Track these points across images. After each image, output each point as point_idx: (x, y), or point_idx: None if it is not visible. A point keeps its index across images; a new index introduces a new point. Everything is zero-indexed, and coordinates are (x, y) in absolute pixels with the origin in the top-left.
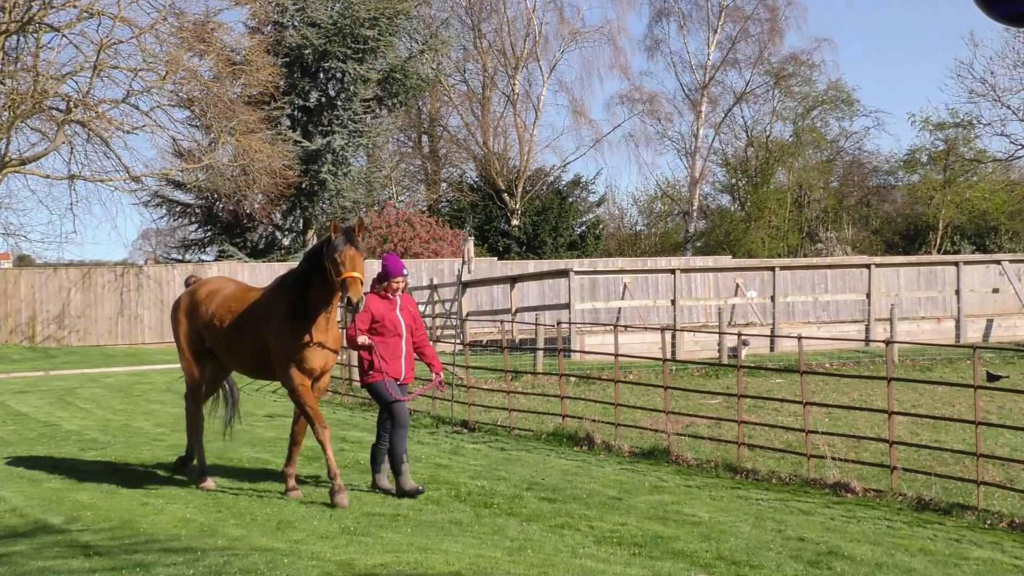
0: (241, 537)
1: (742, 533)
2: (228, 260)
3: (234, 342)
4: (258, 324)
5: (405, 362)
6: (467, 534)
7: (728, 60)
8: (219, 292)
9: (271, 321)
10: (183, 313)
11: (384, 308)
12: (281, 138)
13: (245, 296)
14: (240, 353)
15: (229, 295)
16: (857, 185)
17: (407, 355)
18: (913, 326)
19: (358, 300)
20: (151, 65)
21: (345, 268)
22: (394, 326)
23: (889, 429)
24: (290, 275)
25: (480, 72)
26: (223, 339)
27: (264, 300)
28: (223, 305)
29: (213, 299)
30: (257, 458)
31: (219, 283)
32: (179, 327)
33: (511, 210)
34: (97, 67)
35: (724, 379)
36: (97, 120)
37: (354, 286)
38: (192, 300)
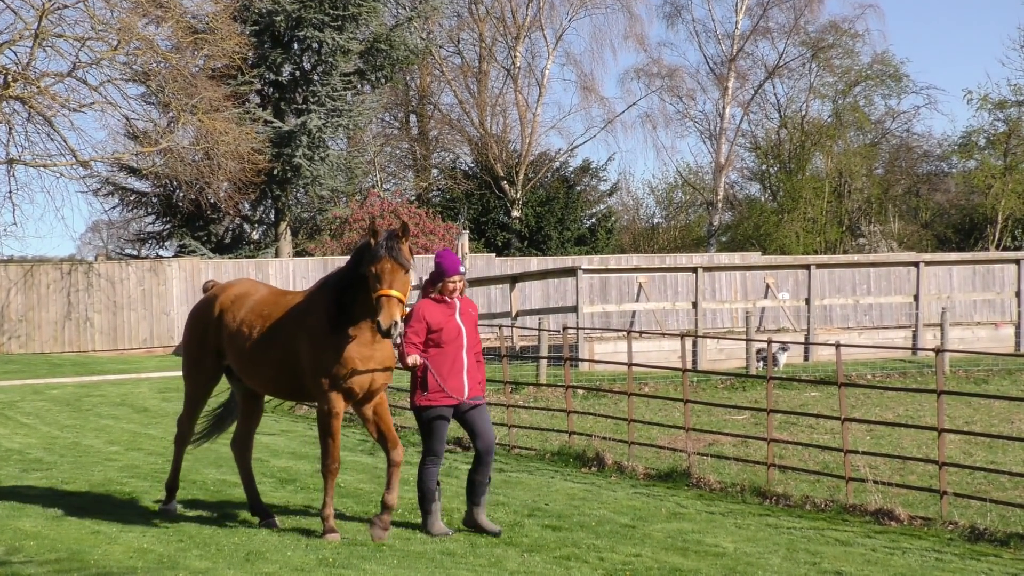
0: (205, 570)
1: (771, 566)
2: (190, 256)
3: (260, 351)
4: (291, 330)
5: (468, 376)
6: (460, 566)
7: (759, 29)
8: (248, 297)
9: (307, 329)
10: (199, 324)
11: (441, 314)
12: (250, 117)
13: (280, 301)
14: (266, 365)
15: (261, 300)
16: (905, 172)
17: (470, 368)
18: (967, 332)
19: (389, 327)
20: (101, 34)
21: (382, 284)
22: (454, 334)
23: (939, 449)
24: (333, 276)
25: (476, 42)
26: (249, 351)
27: (302, 305)
28: (254, 311)
29: (241, 305)
30: (223, 480)
31: (247, 287)
32: (193, 338)
33: (511, 200)
34: (39, 35)
35: (752, 392)
36: (39, 96)
37: (388, 308)
38: (213, 306)
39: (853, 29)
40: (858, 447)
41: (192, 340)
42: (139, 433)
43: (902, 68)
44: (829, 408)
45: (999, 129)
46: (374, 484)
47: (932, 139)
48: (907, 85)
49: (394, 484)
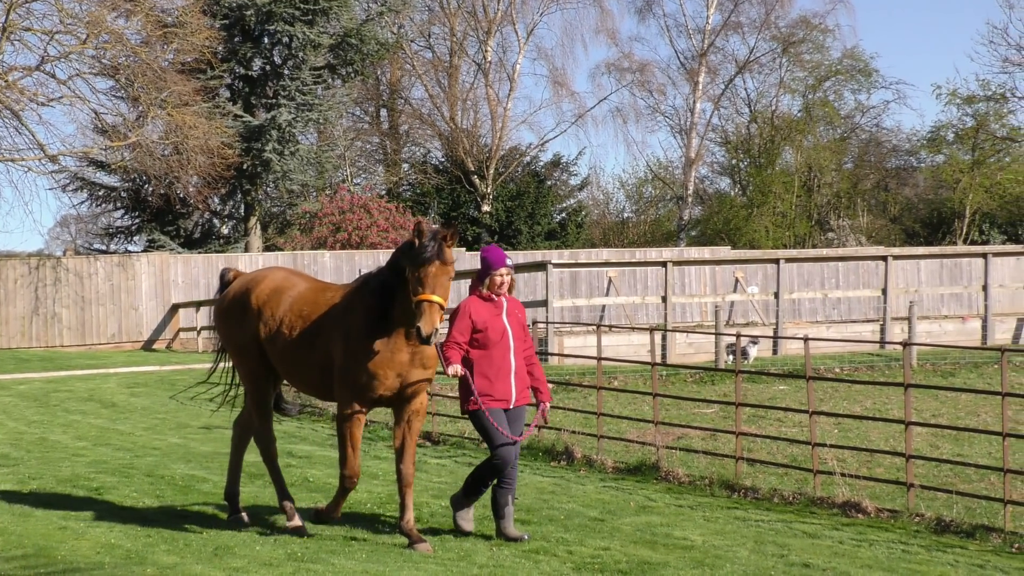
0: (173, 565)
1: (740, 559)
2: (159, 251)
3: (301, 354)
4: (329, 333)
5: (516, 380)
6: (429, 560)
7: (730, 24)
8: (286, 291)
9: (343, 331)
10: (235, 318)
11: (487, 313)
12: (219, 112)
13: (319, 297)
14: (307, 368)
15: (299, 296)
16: (874, 167)
17: (518, 371)
18: (935, 326)
19: (429, 334)
20: (69, 27)
21: (424, 288)
22: (500, 335)
23: (906, 442)
24: (377, 276)
25: (447, 37)
26: (289, 351)
27: (342, 306)
28: (293, 308)
29: (280, 300)
30: (192, 475)
31: (283, 279)
32: (232, 336)
33: (482, 195)
34: (7, 29)
35: (721, 385)
36: (7, 90)
37: (429, 315)
38: (247, 301)
39: (823, 24)
40: (826, 440)
41: (231, 335)
42: (107, 428)
43: (872, 63)
44: (797, 402)
45: (967, 124)
46: None
47: (901, 134)
48: (876, 80)
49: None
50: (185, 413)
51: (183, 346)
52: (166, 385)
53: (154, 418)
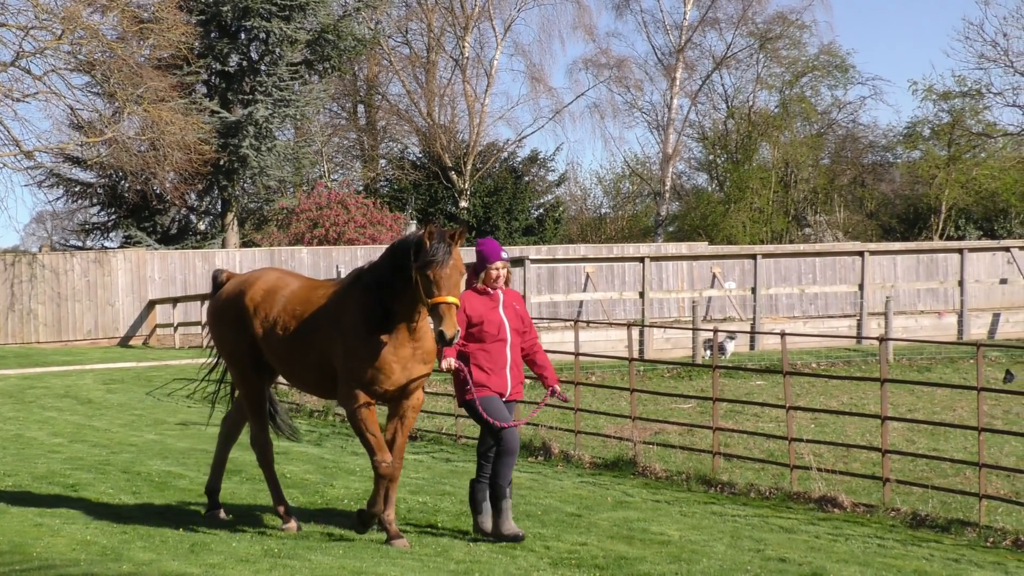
0: (149, 561)
1: (716, 553)
2: (135, 247)
3: (298, 354)
4: (326, 332)
5: (511, 373)
6: (407, 556)
7: (707, 19)
8: (279, 291)
9: (341, 329)
10: (229, 320)
11: (483, 307)
12: (196, 108)
13: (311, 295)
14: (305, 368)
15: (292, 295)
16: (851, 162)
17: (513, 364)
18: (911, 321)
19: (452, 336)
20: (45, 22)
21: (440, 290)
22: (496, 329)
23: (882, 436)
24: (369, 273)
25: (425, 33)
26: (286, 351)
27: (335, 303)
28: (286, 308)
29: (273, 301)
30: (168, 471)
31: (275, 279)
32: (225, 338)
33: (459, 190)
34: None
35: (698, 381)
36: None
37: (450, 317)
38: (242, 302)
39: (800, 20)
40: (803, 435)
41: (224, 337)
42: (83, 425)
43: (848, 59)
44: (774, 397)
45: (943, 120)
46: (321, 474)
47: (877, 130)
48: (853, 76)
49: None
50: (162, 409)
51: (160, 342)
52: (143, 381)
53: (130, 414)
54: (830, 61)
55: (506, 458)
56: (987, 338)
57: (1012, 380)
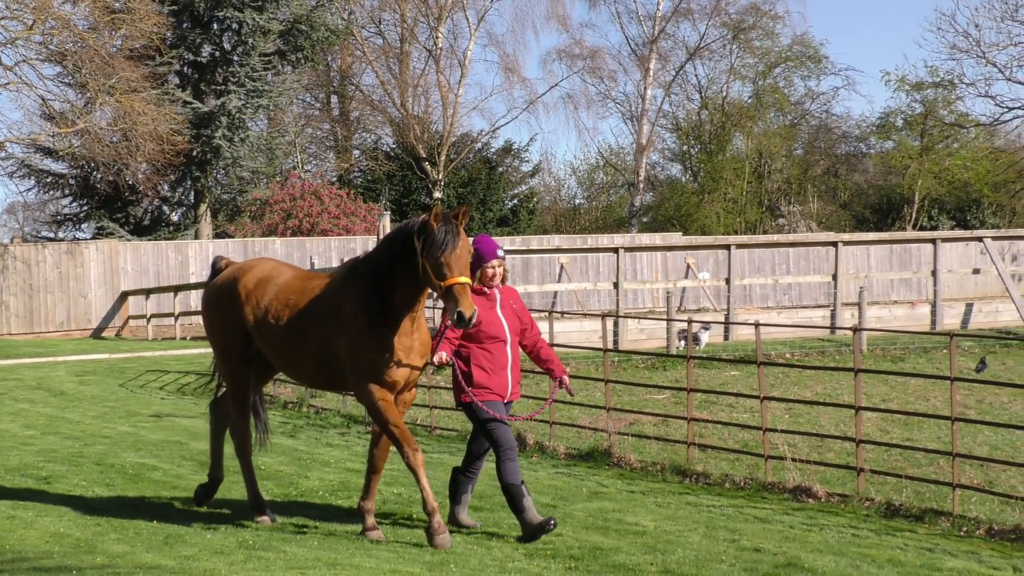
0: (123, 554)
1: (691, 544)
2: (108, 238)
3: (294, 346)
4: (324, 325)
5: (511, 374)
6: (382, 547)
7: (680, 10)
8: (271, 280)
9: (342, 322)
10: (221, 307)
11: (480, 307)
12: (168, 98)
13: (305, 286)
14: (300, 359)
15: (285, 284)
16: (824, 153)
17: (513, 364)
18: (884, 311)
19: (471, 315)
20: (15, 12)
21: (452, 272)
22: (496, 329)
23: (856, 426)
24: (365, 264)
25: (398, 23)
26: (279, 341)
27: (331, 295)
28: (278, 297)
29: (265, 290)
30: (142, 463)
31: (269, 268)
32: (215, 325)
33: (433, 181)
34: None
35: (672, 371)
36: None
37: (464, 296)
38: (234, 290)
39: (773, 11)
40: (777, 425)
41: (215, 326)
42: (56, 417)
43: (821, 50)
44: (748, 387)
45: (916, 110)
46: (295, 466)
47: (851, 120)
48: (826, 66)
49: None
50: (135, 401)
51: (133, 334)
52: (116, 373)
53: (103, 406)
54: (803, 52)
55: (509, 463)
56: (960, 328)
57: (985, 369)
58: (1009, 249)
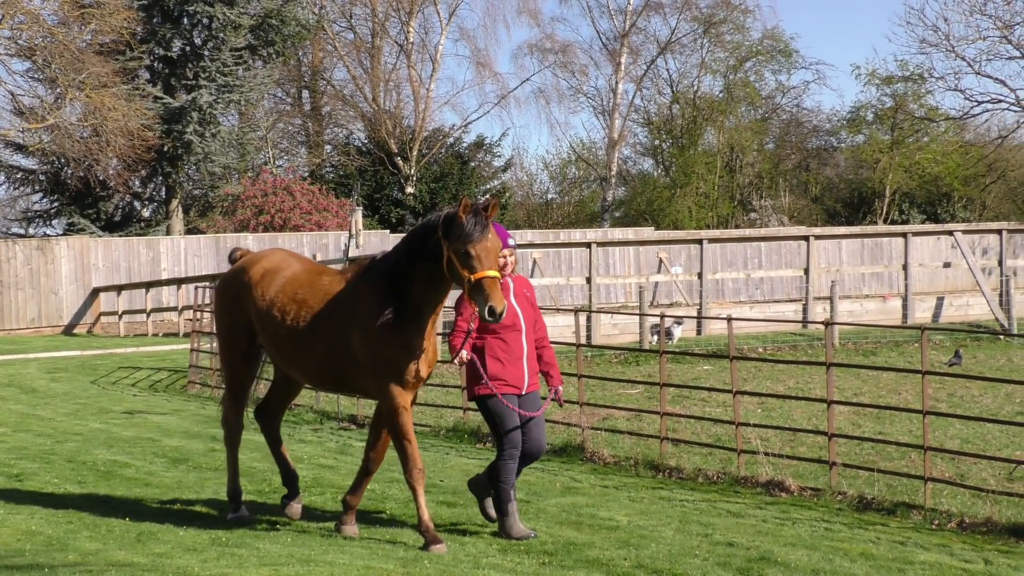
0: (95, 551)
1: (664, 538)
2: (79, 234)
3: (299, 342)
4: (337, 321)
5: (528, 364)
6: (355, 544)
7: (651, 4)
8: (279, 272)
9: (358, 320)
10: (227, 298)
11: None
12: (139, 93)
13: (316, 281)
14: (307, 357)
15: (293, 278)
16: (795, 147)
17: (529, 355)
18: (856, 305)
19: (502, 309)
20: None
21: (481, 264)
22: (511, 318)
23: (828, 420)
24: (385, 260)
25: (369, 18)
26: (283, 336)
27: (347, 291)
28: (285, 290)
29: (271, 281)
30: (114, 460)
31: (279, 259)
32: (222, 315)
33: (405, 176)
34: None
35: (645, 366)
36: None
37: (495, 290)
38: (241, 281)
39: (744, 5)
40: (750, 420)
41: (222, 318)
42: (27, 414)
43: (792, 44)
44: (721, 381)
45: (886, 104)
46: (268, 462)
47: (821, 114)
48: (797, 60)
49: (362, 487)
50: (107, 398)
51: (104, 330)
52: (87, 370)
53: (75, 403)
54: (774, 46)
55: (510, 463)
56: (931, 322)
57: (959, 363)
58: (979, 243)
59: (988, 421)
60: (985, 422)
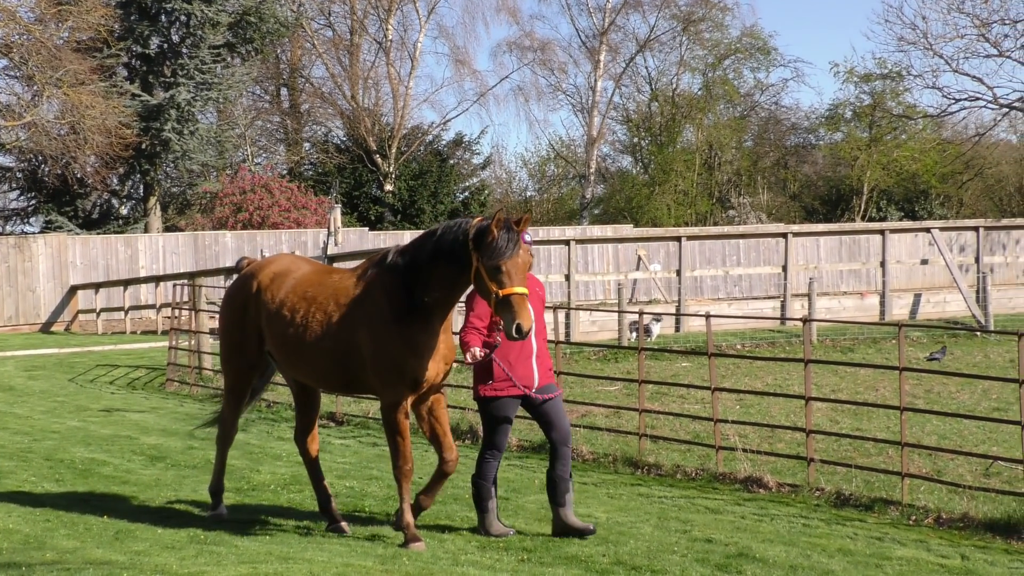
0: (73, 549)
1: (643, 535)
2: (56, 232)
3: (308, 340)
4: (346, 321)
5: (538, 363)
6: (334, 541)
7: (630, 2)
8: (288, 275)
9: (365, 314)
10: (236, 304)
11: None
12: (117, 91)
13: (325, 280)
14: (316, 356)
15: (303, 278)
16: (774, 144)
17: (540, 354)
18: (834, 302)
19: (529, 328)
20: None
21: (511, 280)
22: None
23: (806, 417)
24: (400, 255)
25: (348, 15)
26: (292, 336)
27: (356, 286)
28: (295, 291)
29: (281, 283)
30: (92, 458)
31: (287, 263)
32: (230, 325)
33: (384, 174)
34: None
35: (624, 363)
36: None
37: (523, 308)
38: (249, 287)
39: (723, 3)
40: (728, 416)
41: (229, 324)
42: (4, 412)
43: (770, 41)
44: (700, 378)
45: (864, 102)
46: (246, 460)
47: (800, 112)
48: (775, 58)
49: (436, 489)
50: (85, 396)
51: (82, 328)
52: (65, 368)
53: (53, 401)
54: (752, 43)
55: (492, 462)
56: (908, 318)
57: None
58: (956, 240)
59: (965, 417)
60: (962, 418)
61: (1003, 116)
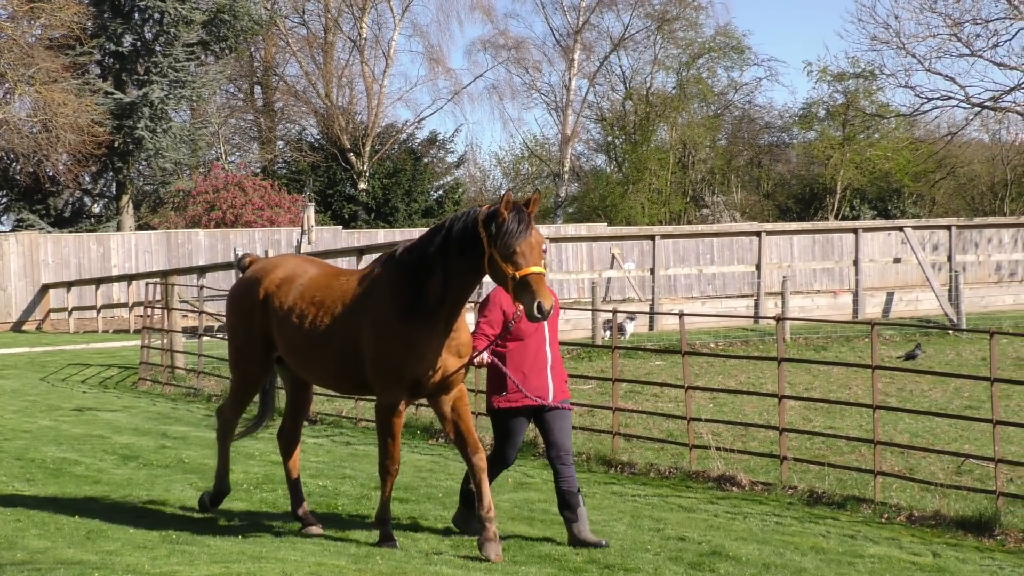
0: (44, 549)
1: (617, 533)
2: (28, 230)
3: (317, 344)
4: (352, 320)
5: (553, 374)
6: (307, 540)
7: (604, 1)
8: (295, 280)
9: (370, 315)
10: (243, 308)
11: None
12: (89, 89)
13: (332, 282)
14: (326, 359)
15: (310, 282)
16: (747, 143)
17: (555, 364)
18: (807, 301)
19: (550, 306)
20: None
21: (527, 261)
22: (534, 327)
23: (779, 415)
24: (407, 253)
25: (322, 13)
26: (304, 344)
27: (362, 284)
28: (303, 296)
29: (289, 288)
30: (63, 458)
31: (293, 266)
32: (237, 328)
33: (358, 172)
34: None
35: (598, 361)
36: None
37: (541, 286)
38: (257, 291)
39: (696, 1)
40: (701, 415)
41: (237, 326)
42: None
43: (744, 40)
44: (673, 377)
45: (838, 101)
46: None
47: (773, 111)
48: (749, 57)
49: (484, 492)
50: (56, 395)
51: (54, 327)
52: (36, 367)
53: (24, 400)
54: (726, 42)
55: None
56: (881, 317)
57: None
58: (929, 239)
59: (937, 415)
60: (934, 416)
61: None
